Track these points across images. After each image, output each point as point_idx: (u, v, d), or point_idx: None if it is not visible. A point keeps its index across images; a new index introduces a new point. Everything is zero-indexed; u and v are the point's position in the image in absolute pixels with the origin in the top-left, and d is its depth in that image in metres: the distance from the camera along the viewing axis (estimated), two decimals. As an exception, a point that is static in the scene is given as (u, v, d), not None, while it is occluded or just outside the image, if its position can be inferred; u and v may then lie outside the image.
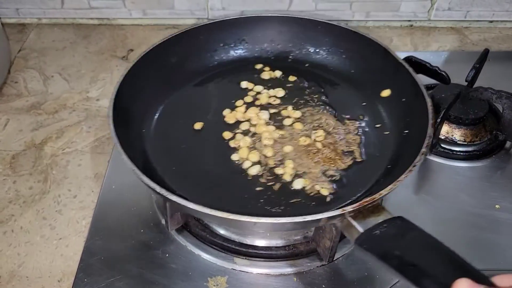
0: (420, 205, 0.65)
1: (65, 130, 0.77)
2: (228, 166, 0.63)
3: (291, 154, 0.64)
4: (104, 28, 1.00)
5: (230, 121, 0.69)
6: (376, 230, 0.45)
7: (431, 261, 0.40)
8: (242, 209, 0.55)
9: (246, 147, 0.64)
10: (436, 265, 0.39)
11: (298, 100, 0.73)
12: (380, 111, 0.70)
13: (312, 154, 0.63)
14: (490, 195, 0.66)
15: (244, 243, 0.59)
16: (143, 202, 0.64)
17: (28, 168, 0.71)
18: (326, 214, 0.47)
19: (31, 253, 0.61)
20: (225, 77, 0.77)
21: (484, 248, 0.60)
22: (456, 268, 0.38)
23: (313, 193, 0.59)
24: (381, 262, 0.42)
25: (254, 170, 0.62)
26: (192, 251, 0.59)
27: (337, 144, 0.65)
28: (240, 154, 0.64)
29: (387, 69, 0.70)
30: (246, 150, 0.64)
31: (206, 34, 0.76)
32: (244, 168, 0.62)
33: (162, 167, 0.62)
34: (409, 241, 0.43)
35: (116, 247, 0.59)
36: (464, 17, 1.00)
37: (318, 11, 0.98)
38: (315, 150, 0.64)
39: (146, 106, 0.68)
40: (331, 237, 0.52)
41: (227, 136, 0.67)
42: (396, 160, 0.61)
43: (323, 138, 0.66)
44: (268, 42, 0.80)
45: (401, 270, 0.40)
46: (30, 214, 0.65)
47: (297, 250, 0.59)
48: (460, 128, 0.72)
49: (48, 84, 0.86)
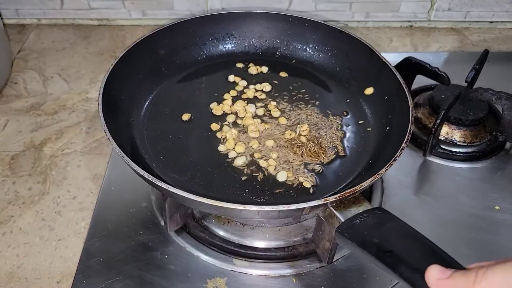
0: (419, 206, 0.65)
1: (65, 131, 0.77)
2: (214, 157, 0.64)
3: (275, 147, 0.65)
4: (104, 29, 1.00)
5: (217, 113, 0.70)
6: (356, 220, 0.47)
7: (407, 249, 0.42)
8: (228, 198, 0.57)
9: (232, 139, 0.65)
10: (412, 252, 0.41)
11: (284, 95, 0.74)
12: (364, 108, 0.71)
13: (296, 148, 0.64)
14: (490, 196, 0.66)
15: (243, 244, 0.59)
16: (142, 203, 0.64)
17: (28, 169, 0.71)
18: (309, 204, 0.48)
19: (30, 254, 0.61)
20: (214, 70, 0.78)
21: (484, 249, 0.60)
22: (430, 255, 0.40)
23: (297, 185, 0.60)
24: (360, 249, 0.44)
25: (239, 161, 0.63)
26: (191, 252, 0.59)
27: (321, 139, 0.66)
28: (226, 146, 0.65)
29: (371, 67, 0.71)
30: (232, 141, 0.65)
31: (195, 28, 0.77)
32: (230, 159, 0.63)
33: (150, 156, 0.63)
34: (387, 230, 0.45)
35: (115, 249, 0.59)
36: (464, 18, 1.00)
37: (318, 11, 0.97)
38: (299, 143, 0.65)
39: (135, 96, 0.69)
40: (330, 238, 0.52)
41: (215, 128, 0.68)
42: (377, 155, 0.62)
43: (307, 132, 0.66)
44: (256, 37, 0.81)
45: (378, 257, 0.42)
46: (29, 215, 0.65)
47: (296, 252, 0.59)
48: (460, 129, 0.72)
49: (48, 85, 0.86)
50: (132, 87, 0.69)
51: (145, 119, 0.68)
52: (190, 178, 0.60)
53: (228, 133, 0.66)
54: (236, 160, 0.63)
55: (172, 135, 0.66)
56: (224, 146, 0.65)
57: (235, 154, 0.64)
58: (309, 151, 0.63)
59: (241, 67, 0.79)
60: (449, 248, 0.60)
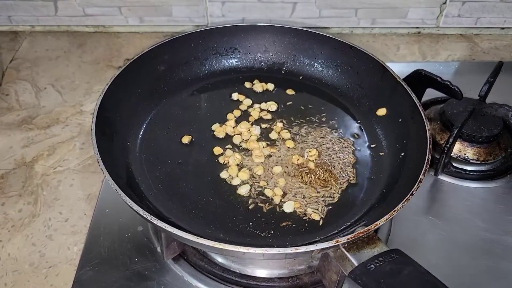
0: (429, 229, 0.62)
1: (57, 146, 0.74)
2: (216, 184, 0.60)
3: (282, 174, 0.61)
4: (100, 36, 0.96)
5: (220, 136, 0.66)
6: (371, 264, 0.44)
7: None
8: (230, 233, 0.54)
9: (236, 165, 0.62)
10: None
11: (291, 115, 0.70)
12: (376, 130, 0.67)
13: (304, 175, 0.61)
14: (506, 219, 0.63)
15: (244, 273, 0.56)
16: (137, 227, 0.61)
17: (18, 189, 0.67)
18: (319, 246, 0.45)
19: (19, 283, 0.57)
20: (216, 88, 0.74)
21: (500, 278, 0.57)
22: None
23: (305, 217, 0.56)
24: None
25: (243, 190, 0.59)
26: (190, 282, 0.56)
27: (331, 165, 0.62)
28: (229, 172, 0.61)
29: (384, 86, 0.67)
30: (236, 168, 0.62)
31: (196, 42, 0.73)
32: (233, 187, 0.60)
33: (146, 184, 0.59)
34: (405, 279, 0.42)
35: (109, 278, 0.56)
36: (475, 24, 0.96)
37: (322, 17, 0.94)
38: (307, 170, 0.61)
39: (132, 116, 0.66)
40: (337, 271, 0.49)
41: (217, 152, 0.64)
42: (391, 184, 0.59)
43: (316, 157, 0.63)
44: (261, 52, 0.77)
45: None
46: (18, 240, 0.62)
47: (301, 282, 0.55)
48: (473, 146, 0.68)
49: (41, 97, 0.82)
50: (129, 107, 0.65)
51: (143, 142, 0.65)
52: (189, 209, 0.57)
53: (231, 158, 0.62)
54: (240, 188, 0.59)
55: (171, 160, 0.63)
56: (227, 173, 0.61)
57: (239, 182, 0.60)
58: (318, 179, 0.60)
59: (246, 85, 0.75)
60: (462, 276, 0.57)
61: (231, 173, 0.61)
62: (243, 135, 0.66)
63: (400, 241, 0.60)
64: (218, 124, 0.68)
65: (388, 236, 0.60)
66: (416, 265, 0.42)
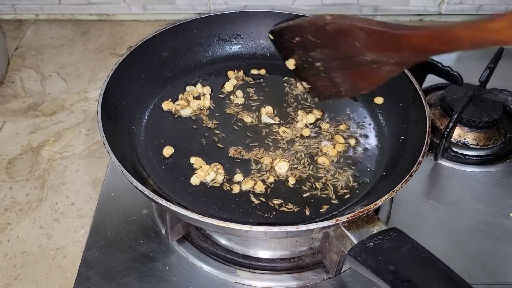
0: (429, 213, 0.63)
1: (63, 133, 0.75)
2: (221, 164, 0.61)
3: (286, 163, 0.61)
4: (103, 24, 0.97)
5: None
6: (370, 242, 0.45)
7: (426, 278, 0.40)
8: (233, 213, 0.55)
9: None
10: (431, 282, 0.39)
11: (299, 103, 0.70)
12: (377, 115, 0.67)
13: (306, 159, 0.61)
14: (505, 203, 0.64)
15: (247, 254, 0.57)
16: (142, 210, 0.62)
17: (25, 174, 0.69)
18: (320, 224, 0.45)
19: (28, 264, 0.59)
20: (219, 74, 0.74)
21: (498, 260, 0.58)
22: (449, 286, 0.39)
23: (307, 200, 0.57)
24: (375, 276, 0.42)
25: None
26: (194, 263, 0.57)
27: (332, 148, 0.62)
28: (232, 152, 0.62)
29: None
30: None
31: (199, 28, 0.74)
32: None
33: (151, 167, 0.60)
34: (404, 256, 0.42)
35: (115, 259, 0.57)
36: (477, 11, 0.96)
37: (324, 5, 0.94)
38: (309, 153, 0.62)
39: (137, 102, 0.66)
40: (338, 251, 0.50)
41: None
42: (391, 166, 0.59)
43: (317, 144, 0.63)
44: (263, 38, 0.77)
45: (394, 286, 0.40)
46: (26, 223, 0.63)
47: (303, 263, 0.56)
48: (473, 131, 0.69)
49: (46, 84, 0.83)
50: (133, 92, 0.65)
51: (148, 126, 0.65)
52: (193, 191, 0.58)
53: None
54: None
55: (175, 144, 0.63)
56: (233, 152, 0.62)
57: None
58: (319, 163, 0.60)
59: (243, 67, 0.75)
60: (461, 258, 0.58)
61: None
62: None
63: (400, 224, 0.61)
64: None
65: (388, 219, 0.61)
66: (414, 243, 0.43)
